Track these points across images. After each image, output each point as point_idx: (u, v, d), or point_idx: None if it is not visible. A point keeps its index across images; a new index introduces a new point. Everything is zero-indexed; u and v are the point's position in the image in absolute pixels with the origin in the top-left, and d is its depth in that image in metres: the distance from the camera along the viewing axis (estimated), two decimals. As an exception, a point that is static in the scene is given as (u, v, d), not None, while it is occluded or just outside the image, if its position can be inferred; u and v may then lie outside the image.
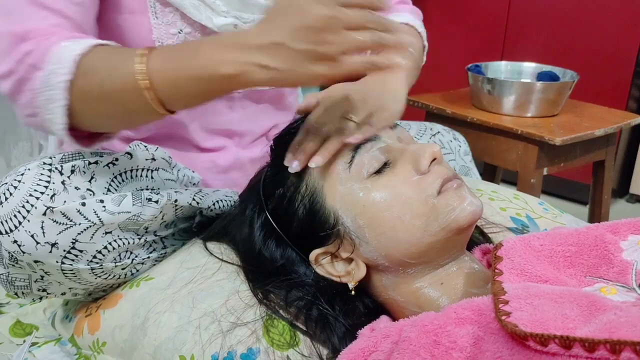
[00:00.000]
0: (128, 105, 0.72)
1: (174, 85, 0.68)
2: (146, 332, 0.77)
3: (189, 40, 0.93)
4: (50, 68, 0.71)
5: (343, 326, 0.74)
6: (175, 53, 0.70)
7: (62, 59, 0.70)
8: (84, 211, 0.75)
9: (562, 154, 1.73)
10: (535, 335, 0.52)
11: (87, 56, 0.71)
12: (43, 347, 0.90)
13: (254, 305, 0.77)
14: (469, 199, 0.73)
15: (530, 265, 0.66)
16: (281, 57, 0.63)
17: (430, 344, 0.60)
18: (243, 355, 0.72)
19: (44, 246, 0.74)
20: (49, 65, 0.71)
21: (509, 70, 1.98)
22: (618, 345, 0.48)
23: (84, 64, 0.71)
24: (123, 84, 0.70)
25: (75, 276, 0.80)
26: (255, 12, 0.94)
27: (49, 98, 0.72)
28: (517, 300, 0.58)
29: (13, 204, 0.74)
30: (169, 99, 0.70)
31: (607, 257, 0.66)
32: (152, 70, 0.68)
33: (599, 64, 2.38)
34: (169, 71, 0.68)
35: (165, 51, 0.71)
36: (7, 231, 0.74)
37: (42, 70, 0.71)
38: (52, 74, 0.71)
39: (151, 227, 0.85)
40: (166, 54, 0.70)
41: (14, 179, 0.75)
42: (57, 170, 0.76)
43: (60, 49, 0.71)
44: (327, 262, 0.76)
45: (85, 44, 0.72)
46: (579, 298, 0.57)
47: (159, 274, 0.85)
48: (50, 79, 0.71)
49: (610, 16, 2.35)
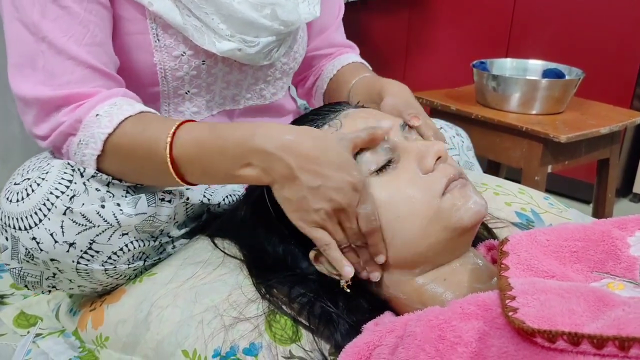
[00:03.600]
0: (157, 177, 0.79)
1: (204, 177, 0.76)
2: (149, 326, 0.77)
3: (200, 82, 0.94)
4: (83, 139, 0.78)
5: (346, 323, 0.73)
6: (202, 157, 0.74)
7: (94, 135, 0.77)
8: (103, 213, 0.77)
9: (567, 152, 1.73)
10: (543, 332, 0.51)
11: (116, 136, 0.77)
12: (47, 338, 0.90)
13: (257, 300, 0.77)
14: (473, 198, 0.72)
15: (536, 260, 0.65)
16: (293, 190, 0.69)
17: (435, 339, 0.59)
18: (245, 350, 0.71)
19: (62, 245, 0.75)
20: (81, 135, 0.78)
21: (514, 67, 1.97)
22: (627, 341, 0.48)
23: (113, 144, 0.77)
24: (153, 169, 0.77)
25: (88, 275, 0.80)
26: (259, 34, 0.92)
27: (82, 161, 0.79)
28: (524, 295, 0.57)
29: (35, 201, 0.74)
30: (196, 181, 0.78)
31: (614, 253, 0.66)
32: (180, 161, 0.74)
33: (605, 62, 2.37)
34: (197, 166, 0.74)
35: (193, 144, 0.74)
36: (27, 228, 0.74)
37: (76, 136, 0.78)
38: (84, 145, 0.78)
39: (166, 228, 0.86)
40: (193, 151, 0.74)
41: (38, 176, 0.76)
42: (79, 171, 0.77)
43: (90, 122, 0.77)
44: (326, 260, 0.76)
45: (115, 119, 0.77)
46: (587, 294, 0.56)
47: (162, 270, 0.85)
48: (82, 149, 0.78)
49: (616, 14, 2.33)
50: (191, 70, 0.91)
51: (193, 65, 0.91)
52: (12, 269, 0.80)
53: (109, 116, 0.77)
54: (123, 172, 0.80)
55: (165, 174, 0.75)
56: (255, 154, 0.69)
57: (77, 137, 0.78)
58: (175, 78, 0.90)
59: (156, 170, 0.76)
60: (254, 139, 0.69)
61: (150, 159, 0.75)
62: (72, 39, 0.78)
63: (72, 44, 0.78)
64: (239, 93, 1.01)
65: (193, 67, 0.91)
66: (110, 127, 0.76)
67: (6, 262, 0.79)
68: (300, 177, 0.68)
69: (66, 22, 0.78)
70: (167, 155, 0.73)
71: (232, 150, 0.70)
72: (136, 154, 0.76)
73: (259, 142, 0.69)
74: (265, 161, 0.69)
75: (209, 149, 0.72)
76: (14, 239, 0.76)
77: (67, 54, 0.78)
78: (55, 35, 0.77)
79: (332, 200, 0.68)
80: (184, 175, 0.75)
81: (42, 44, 0.77)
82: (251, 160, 0.70)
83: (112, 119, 0.76)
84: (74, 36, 0.78)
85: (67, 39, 0.78)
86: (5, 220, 0.76)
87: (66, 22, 0.78)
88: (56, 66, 0.78)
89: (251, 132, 0.70)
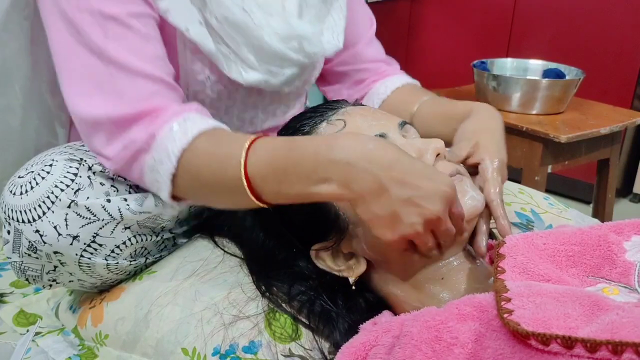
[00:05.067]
0: (232, 197, 0.74)
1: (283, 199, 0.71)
2: (148, 324, 0.78)
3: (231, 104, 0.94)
4: (156, 157, 0.75)
5: (345, 321, 0.74)
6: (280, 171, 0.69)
7: (168, 151, 0.74)
8: (108, 207, 0.77)
9: (567, 152, 1.73)
10: (537, 335, 0.52)
11: (190, 151, 0.74)
12: (46, 336, 0.90)
13: (257, 298, 0.77)
14: (470, 193, 0.73)
15: (533, 264, 0.66)
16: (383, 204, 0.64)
17: (432, 339, 0.60)
18: (245, 348, 0.72)
19: (65, 238, 0.76)
20: (155, 152, 0.75)
21: (514, 67, 1.97)
22: (620, 346, 0.48)
23: (187, 160, 0.74)
24: (228, 188, 0.73)
25: (90, 269, 0.81)
26: (284, 65, 0.92)
27: (156, 180, 0.76)
28: (520, 298, 0.58)
29: (38, 194, 0.74)
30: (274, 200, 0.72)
31: (610, 258, 0.66)
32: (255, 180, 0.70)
33: (605, 62, 2.37)
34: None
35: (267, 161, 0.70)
36: (30, 220, 0.75)
37: (149, 153, 0.75)
38: (158, 163, 0.75)
39: (167, 225, 0.86)
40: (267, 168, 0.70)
41: (41, 169, 0.76)
42: (85, 165, 0.77)
43: (164, 137, 0.74)
44: (327, 257, 0.76)
45: (190, 133, 0.74)
46: (582, 297, 0.56)
47: (162, 267, 0.86)
48: (156, 166, 0.75)
49: (616, 14, 2.33)
50: (212, 94, 0.92)
51: (215, 89, 0.91)
52: (13, 262, 0.80)
53: (182, 131, 0.74)
54: (197, 192, 0.78)
55: (241, 193, 0.70)
56: (334, 168, 0.64)
57: (150, 155, 0.75)
58: (196, 99, 0.91)
59: (231, 190, 0.72)
60: (333, 151, 0.64)
61: (224, 177, 0.72)
62: (138, 55, 0.77)
63: (139, 60, 0.77)
64: (255, 115, 1.01)
65: (215, 91, 0.92)
66: (185, 141, 0.74)
67: (7, 255, 0.80)
68: (390, 189, 0.63)
69: (129, 39, 0.77)
70: (242, 172, 0.69)
71: (307, 164, 0.65)
72: (210, 171, 0.73)
73: (339, 154, 0.64)
74: (347, 175, 0.64)
75: (282, 163, 0.67)
76: (17, 232, 0.76)
77: (136, 71, 0.76)
78: (121, 54, 0.76)
79: (426, 211, 0.64)
80: (260, 195, 0.70)
81: (110, 65, 0.76)
82: (330, 174, 0.64)
83: (187, 133, 0.74)
84: (139, 52, 0.77)
85: (133, 56, 0.77)
86: (8, 213, 0.76)
87: (129, 40, 0.77)
88: (126, 85, 0.76)
89: (328, 144, 0.65)
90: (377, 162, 0.63)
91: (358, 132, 0.76)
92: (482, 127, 0.85)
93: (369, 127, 0.77)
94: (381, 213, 0.64)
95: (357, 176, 0.63)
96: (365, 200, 0.64)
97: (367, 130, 0.76)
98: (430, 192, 0.64)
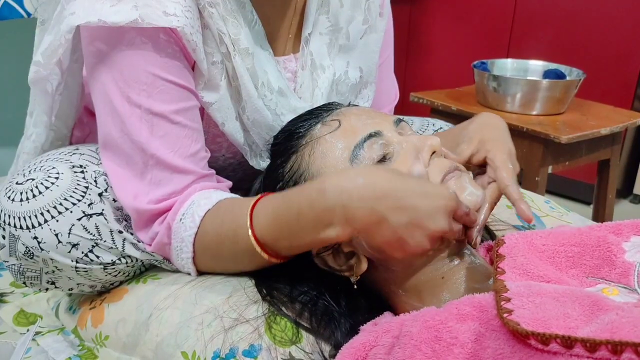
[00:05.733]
0: (254, 263, 0.78)
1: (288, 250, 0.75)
2: (148, 327, 0.78)
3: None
4: (177, 246, 0.80)
5: (347, 322, 0.74)
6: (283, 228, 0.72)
7: (183, 239, 0.79)
8: (116, 238, 0.80)
9: (568, 153, 1.73)
10: (536, 334, 0.52)
11: (201, 235, 0.78)
12: (46, 335, 0.90)
13: (258, 301, 0.77)
14: (468, 189, 0.73)
15: (532, 265, 0.66)
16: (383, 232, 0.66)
17: (432, 339, 0.60)
18: (245, 351, 0.71)
19: (65, 246, 0.77)
20: (174, 241, 0.79)
21: (515, 67, 1.97)
22: (619, 346, 0.48)
23: (200, 243, 0.79)
24: (247, 256, 0.76)
25: (87, 273, 0.81)
26: None
27: (183, 266, 0.82)
28: (519, 298, 0.58)
29: (42, 203, 0.76)
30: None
31: (609, 259, 0.66)
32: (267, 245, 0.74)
33: (606, 63, 2.37)
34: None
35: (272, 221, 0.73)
36: (29, 227, 0.76)
37: (171, 245, 0.80)
38: (180, 251, 0.80)
39: None
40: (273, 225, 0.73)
41: (44, 179, 0.77)
42: (93, 184, 0.80)
43: (177, 227, 0.79)
44: (328, 257, 0.76)
45: (197, 218, 0.78)
46: (581, 298, 0.56)
47: (166, 275, 0.86)
48: (180, 255, 0.80)
49: (617, 15, 2.33)
50: (222, 164, 0.96)
51: (227, 163, 0.96)
52: (10, 266, 0.81)
53: (190, 217, 0.78)
54: (220, 266, 0.81)
55: (259, 258, 0.74)
56: (332, 214, 0.66)
57: (172, 246, 0.80)
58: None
59: (249, 257, 0.76)
60: (325, 197, 0.66)
61: (239, 249, 0.76)
62: (179, 152, 0.79)
63: (179, 158, 0.79)
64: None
65: (226, 165, 0.96)
66: (194, 227, 0.77)
67: (4, 259, 0.80)
68: (389, 218, 0.64)
69: (173, 136, 0.79)
70: (253, 241, 0.73)
71: (307, 218, 0.68)
72: (225, 248, 0.77)
73: (331, 199, 0.66)
74: (346, 215, 0.65)
75: (285, 222, 0.70)
76: (13, 237, 0.77)
77: (174, 168, 0.79)
78: (162, 152, 0.78)
79: (429, 229, 0.65)
80: (278, 253, 0.75)
81: (151, 160, 0.78)
82: (331, 220, 0.66)
83: (194, 218, 0.78)
84: (180, 149, 0.79)
85: (174, 154, 0.79)
86: (4, 219, 0.77)
87: (173, 137, 0.79)
88: (163, 179, 0.79)
89: (319, 189, 0.67)
90: (370, 196, 0.65)
91: (353, 131, 0.77)
92: (484, 125, 0.85)
93: (364, 126, 0.77)
94: (386, 239, 0.66)
95: (354, 214, 0.65)
96: (369, 232, 0.66)
97: (362, 129, 0.76)
98: (429, 210, 0.65)
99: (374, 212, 0.64)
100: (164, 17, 0.75)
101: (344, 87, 0.98)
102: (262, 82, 0.87)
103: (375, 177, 0.66)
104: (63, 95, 0.87)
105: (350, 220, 0.66)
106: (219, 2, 0.80)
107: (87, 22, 0.75)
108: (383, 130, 0.76)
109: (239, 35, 0.82)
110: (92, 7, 0.75)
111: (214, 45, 0.82)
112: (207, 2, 0.79)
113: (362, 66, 1.00)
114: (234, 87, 0.86)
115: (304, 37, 0.92)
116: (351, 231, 0.67)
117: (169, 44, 0.78)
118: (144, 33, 0.76)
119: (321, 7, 0.92)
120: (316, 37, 0.93)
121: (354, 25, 0.96)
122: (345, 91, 0.98)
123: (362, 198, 0.65)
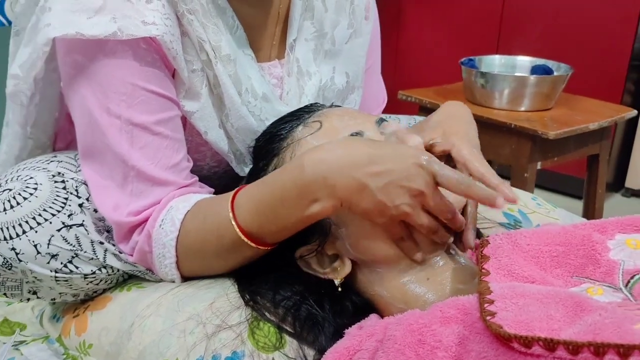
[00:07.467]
0: (241, 257, 0.77)
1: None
2: (131, 336, 0.77)
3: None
4: (159, 252, 0.79)
5: (331, 326, 0.73)
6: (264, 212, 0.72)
7: (165, 244, 0.78)
8: (97, 249, 0.79)
9: (556, 148, 1.73)
10: (519, 337, 0.52)
11: (183, 236, 0.77)
12: (31, 344, 0.90)
13: (241, 307, 0.76)
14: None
15: (517, 266, 0.65)
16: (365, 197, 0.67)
17: (415, 343, 0.59)
18: (227, 358, 0.71)
19: (44, 257, 0.76)
20: (156, 249, 0.78)
21: (502, 64, 1.97)
22: (602, 347, 0.48)
23: (182, 245, 0.78)
24: (233, 249, 0.76)
25: (67, 283, 0.80)
26: None
27: (166, 273, 0.80)
28: (503, 300, 0.57)
29: (21, 214, 0.75)
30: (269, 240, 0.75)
31: (593, 257, 0.66)
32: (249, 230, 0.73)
33: (594, 58, 2.37)
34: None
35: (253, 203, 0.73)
36: (7, 238, 0.75)
37: (152, 253, 0.79)
38: (162, 258, 0.79)
39: None
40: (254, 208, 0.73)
41: (22, 189, 0.76)
42: (74, 194, 0.79)
43: (158, 234, 0.78)
44: (312, 260, 0.76)
45: (177, 221, 0.77)
46: (565, 299, 0.56)
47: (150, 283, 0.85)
48: (162, 262, 0.79)
49: (604, 10, 2.34)
50: (207, 173, 0.95)
51: (212, 171, 0.95)
52: None
53: (170, 221, 0.77)
54: (206, 267, 0.80)
55: (246, 248, 0.74)
56: (315, 186, 0.67)
57: (154, 254, 0.78)
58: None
59: (236, 250, 0.75)
60: (305, 172, 0.67)
61: (225, 243, 0.75)
62: (160, 164, 0.78)
63: (160, 169, 0.78)
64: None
65: (211, 174, 0.95)
66: (175, 230, 0.77)
67: None
68: (368, 183, 0.65)
69: (154, 147, 0.78)
70: (238, 232, 0.73)
71: (290, 195, 0.68)
72: (210, 245, 0.76)
73: (312, 172, 0.66)
74: (328, 187, 0.66)
75: (268, 205, 0.70)
76: None
77: (155, 180, 0.78)
78: (143, 164, 0.77)
79: (407, 189, 0.66)
80: (264, 240, 0.74)
81: (132, 171, 0.77)
82: (315, 194, 0.67)
83: (174, 222, 0.77)
84: (162, 161, 0.78)
85: (155, 166, 0.78)
86: None
87: (154, 148, 0.78)
88: (144, 191, 0.78)
89: (298, 165, 0.68)
90: (348, 165, 0.66)
91: (335, 132, 0.76)
92: (448, 116, 0.83)
93: (345, 127, 0.77)
94: (369, 206, 0.67)
95: (335, 184, 0.66)
96: (353, 201, 0.67)
97: (343, 130, 0.76)
98: (404, 170, 0.66)
99: (354, 180, 0.65)
100: (143, 27, 0.74)
101: (331, 93, 0.97)
102: (245, 88, 0.86)
103: (351, 146, 0.67)
104: (39, 106, 0.86)
105: (332, 192, 0.66)
106: (198, 9, 0.79)
107: (64, 34, 0.73)
108: (365, 130, 0.76)
109: (219, 42, 0.81)
110: (68, 18, 0.73)
111: (194, 53, 0.81)
112: (186, 9, 0.78)
113: (348, 71, 0.99)
114: (215, 94, 0.85)
115: (289, 44, 0.91)
116: (334, 203, 0.67)
117: (149, 52, 0.77)
118: (124, 42, 0.75)
119: (305, 12, 0.91)
120: (301, 43, 0.92)
121: (339, 30, 0.95)
122: (331, 97, 0.97)
123: (342, 167, 0.66)
